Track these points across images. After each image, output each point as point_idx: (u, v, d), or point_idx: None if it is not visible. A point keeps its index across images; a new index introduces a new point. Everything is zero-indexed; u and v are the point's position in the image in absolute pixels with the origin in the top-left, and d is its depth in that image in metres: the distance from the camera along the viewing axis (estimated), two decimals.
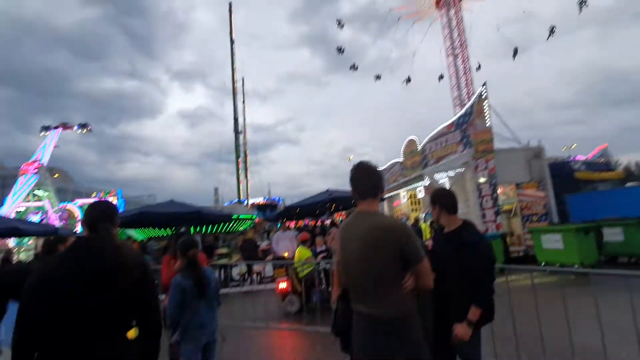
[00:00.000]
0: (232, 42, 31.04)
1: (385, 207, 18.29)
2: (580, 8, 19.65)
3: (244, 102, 35.48)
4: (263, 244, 12.98)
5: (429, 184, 11.27)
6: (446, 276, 2.20)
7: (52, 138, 27.37)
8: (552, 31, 22.00)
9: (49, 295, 1.27)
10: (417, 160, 14.03)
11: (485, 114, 9.83)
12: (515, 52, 24.29)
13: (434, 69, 29.26)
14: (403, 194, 16.25)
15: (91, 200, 25.02)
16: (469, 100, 26.04)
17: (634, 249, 8.05)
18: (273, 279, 9.06)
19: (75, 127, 28.62)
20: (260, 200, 34.74)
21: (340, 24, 27.45)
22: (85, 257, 1.36)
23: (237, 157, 30.53)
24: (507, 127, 10.92)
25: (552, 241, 8.21)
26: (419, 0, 27.69)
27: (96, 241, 1.43)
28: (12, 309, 2.28)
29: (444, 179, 11.12)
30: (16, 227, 9.84)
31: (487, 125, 9.87)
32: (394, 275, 1.63)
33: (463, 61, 27.09)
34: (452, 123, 11.75)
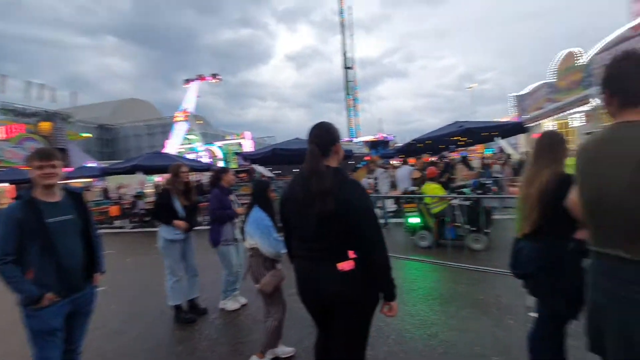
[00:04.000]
0: None
1: (522, 141, 15.68)
2: None
3: (352, 35, 33.72)
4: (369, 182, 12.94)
5: (593, 109, 8.86)
6: None
7: (194, 89, 31.85)
8: None
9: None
10: (578, 79, 11.07)
11: None
12: None
13: None
14: (548, 124, 13.39)
15: (227, 142, 29.02)
16: None
17: None
18: (395, 213, 9.03)
19: (209, 78, 32.45)
20: (371, 137, 34.30)
21: None
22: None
23: (347, 93, 30.11)
24: None
25: None
26: None
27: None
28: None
29: None
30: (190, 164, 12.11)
31: None
32: None
33: None
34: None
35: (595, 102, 8.29)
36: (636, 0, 19.58)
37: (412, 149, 12.05)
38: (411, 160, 11.22)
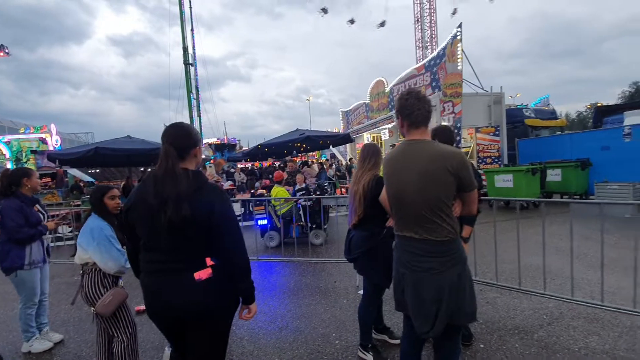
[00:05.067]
0: None
1: (348, 150, 18.59)
2: None
3: (192, 30, 31.70)
4: (226, 184, 12.78)
5: (394, 127, 11.52)
6: None
7: None
8: None
9: None
10: (385, 102, 14.09)
11: (458, 57, 9.92)
12: None
13: (396, 10, 28.34)
14: (367, 136, 16.51)
15: (20, 137, 21.71)
16: (431, 43, 25.87)
17: (569, 187, 9.28)
18: (243, 218, 9.13)
19: None
20: (215, 139, 33.11)
21: None
22: None
23: (189, 91, 28.08)
24: (474, 72, 11.20)
25: (504, 181, 9.11)
26: None
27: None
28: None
29: None
30: None
31: (458, 68, 10.01)
32: (448, 202, 1.69)
33: (429, 1, 26.33)
34: (423, 65, 11.73)
35: (395, 121, 10.76)
36: (419, 48, 26.51)
37: (258, 153, 12.42)
38: (256, 164, 11.59)
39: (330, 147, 13.18)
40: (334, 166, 14.70)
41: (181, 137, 1.58)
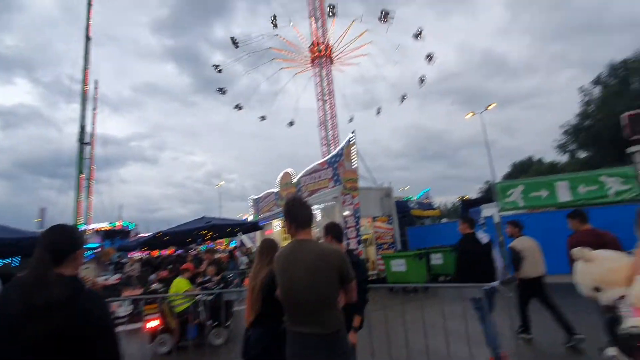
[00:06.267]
0: (87, 38, 26.41)
1: (257, 236, 18.41)
2: (421, 82, 26.44)
3: (95, 109, 30.19)
4: (112, 278, 11.06)
5: None
6: None
7: None
8: (404, 97, 28.53)
9: None
10: (292, 192, 14.98)
11: (353, 157, 11.58)
12: (379, 110, 30.45)
13: (305, 109, 32.67)
14: (276, 223, 16.83)
15: None
16: (334, 140, 29.57)
17: (450, 270, 10.73)
18: (131, 319, 7.84)
19: None
20: (105, 225, 29.15)
21: (234, 42, 27.70)
22: None
23: (80, 171, 25.22)
24: (368, 171, 13.06)
25: (398, 265, 10.11)
26: (296, 51, 30.53)
27: None
28: None
29: (316, 211, 12.25)
30: None
31: (353, 166, 11.60)
32: (335, 295, 1.96)
33: (330, 108, 30.92)
34: (326, 161, 13.25)
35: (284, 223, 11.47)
36: (323, 144, 29.85)
37: (157, 242, 11.39)
38: (154, 253, 10.52)
39: (240, 234, 12.98)
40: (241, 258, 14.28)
41: (60, 243, 1.48)
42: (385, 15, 24.82)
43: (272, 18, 27.45)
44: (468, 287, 3.90)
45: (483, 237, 4.60)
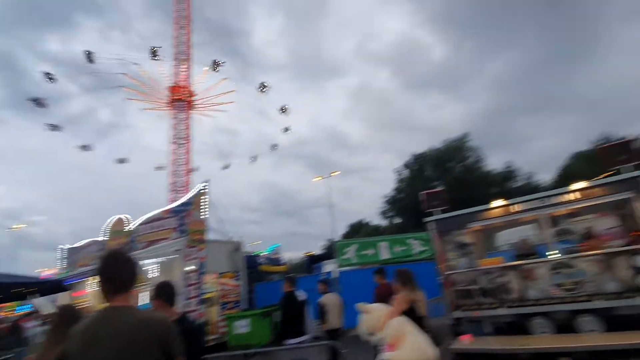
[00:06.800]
0: None
1: (60, 298, 14.19)
2: (273, 148, 29.23)
3: None
4: None
5: None
6: None
7: None
8: (255, 158, 30.51)
9: None
10: (123, 242, 12.61)
11: (203, 208, 10.89)
12: (227, 166, 31.12)
13: (150, 151, 29.91)
14: (92, 282, 13.45)
15: None
16: (185, 188, 27.44)
17: None
18: None
19: None
20: None
21: (89, 57, 24.54)
22: None
23: None
24: (220, 222, 12.46)
25: (242, 326, 9.50)
26: (153, 87, 28.49)
27: None
28: None
29: (153, 265, 10.57)
30: None
31: (202, 217, 10.86)
32: None
33: (186, 152, 29.14)
34: (170, 209, 11.94)
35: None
36: (172, 191, 27.25)
37: None
38: None
39: (36, 296, 9.67)
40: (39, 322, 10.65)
41: None
42: (263, 87, 27.98)
43: (152, 48, 26.15)
44: (303, 347, 4.10)
45: (300, 294, 5.47)
